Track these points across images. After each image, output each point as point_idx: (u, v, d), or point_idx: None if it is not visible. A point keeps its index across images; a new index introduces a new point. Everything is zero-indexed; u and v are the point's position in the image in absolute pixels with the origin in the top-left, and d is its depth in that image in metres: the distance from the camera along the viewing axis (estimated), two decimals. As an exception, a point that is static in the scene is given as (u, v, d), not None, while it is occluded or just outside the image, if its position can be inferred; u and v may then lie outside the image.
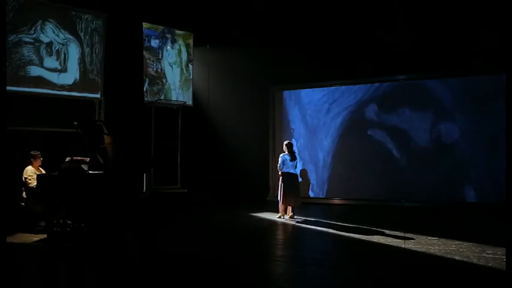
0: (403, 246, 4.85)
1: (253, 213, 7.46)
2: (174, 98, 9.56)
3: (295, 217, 6.74)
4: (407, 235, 5.40)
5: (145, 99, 9.07)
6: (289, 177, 6.65)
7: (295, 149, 7.05)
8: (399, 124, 8.76)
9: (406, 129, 8.70)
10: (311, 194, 9.31)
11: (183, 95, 9.70)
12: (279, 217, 6.73)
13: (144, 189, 8.57)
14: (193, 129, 9.79)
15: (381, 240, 5.13)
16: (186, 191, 9.23)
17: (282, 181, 6.67)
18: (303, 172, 9.14)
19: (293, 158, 6.67)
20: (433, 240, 5.14)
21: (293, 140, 9.02)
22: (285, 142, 6.83)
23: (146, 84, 9.17)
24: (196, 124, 9.85)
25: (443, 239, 5.15)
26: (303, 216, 6.84)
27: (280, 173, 6.81)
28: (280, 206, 6.74)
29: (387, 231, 5.66)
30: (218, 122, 9.88)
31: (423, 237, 5.27)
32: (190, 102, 9.78)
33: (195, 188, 9.33)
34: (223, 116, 9.86)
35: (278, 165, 6.73)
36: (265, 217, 7.10)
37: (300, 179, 7.17)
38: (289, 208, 6.78)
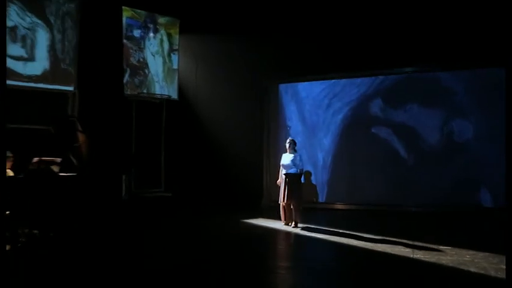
0: (411, 256, 4.86)
1: (246, 220, 7.49)
2: (157, 92, 9.54)
3: (298, 225, 6.74)
4: (416, 244, 5.41)
5: (126, 92, 8.99)
6: (289, 178, 6.67)
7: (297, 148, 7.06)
8: (407, 121, 8.76)
9: (414, 126, 8.71)
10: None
11: (167, 88, 9.67)
12: (285, 224, 6.77)
13: (124, 193, 8.60)
14: (179, 127, 9.78)
15: (387, 250, 5.14)
16: (170, 195, 9.24)
17: (281, 182, 6.78)
18: (311, 175, 9.26)
19: (292, 157, 6.71)
20: (445, 249, 5.15)
21: (289, 137, 8.68)
22: (288, 140, 6.96)
23: (126, 76, 9.09)
24: (182, 121, 9.83)
25: (456, 249, 5.15)
26: (301, 223, 6.85)
27: (280, 175, 6.93)
28: (281, 212, 6.78)
29: (394, 239, 5.67)
30: (206, 119, 9.88)
31: (434, 246, 5.27)
32: (175, 96, 9.77)
33: (180, 192, 9.33)
34: (212, 111, 9.86)
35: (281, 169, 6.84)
36: (260, 224, 7.14)
37: (302, 180, 7.17)
38: (292, 214, 6.75)
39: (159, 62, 9.59)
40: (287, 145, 6.84)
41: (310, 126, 9.58)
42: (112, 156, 8.36)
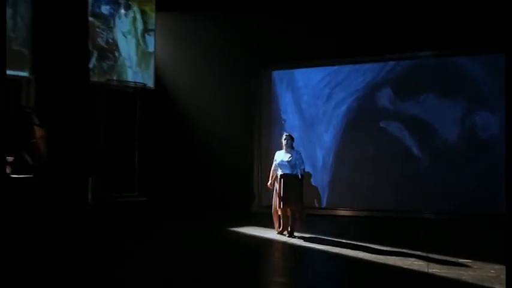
0: (426, 270, 4.84)
1: (234, 228, 7.53)
2: (130, 79, 9.50)
3: (294, 234, 6.72)
4: (431, 256, 5.41)
5: (92, 79, 8.95)
6: (284, 179, 6.63)
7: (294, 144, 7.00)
8: (421, 114, 8.75)
9: (429, 120, 8.71)
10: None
11: (141, 75, 9.61)
12: (279, 233, 6.76)
13: (90, 197, 8.56)
14: (156, 120, 9.79)
15: (398, 263, 5.13)
16: (145, 200, 9.25)
17: (276, 185, 6.71)
18: (309, 177, 9.21)
19: (288, 155, 6.67)
20: (465, 262, 5.12)
21: (283, 133, 8.72)
22: (284, 135, 6.93)
23: (93, 60, 9.00)
24: (160, 113, 9.85)
25: (478, 262, 5.10)
26: (298, 232, 6.83)
27: (271, 176, 6.88)
28: (275, 219, 6.77)
29: (405, 251, 5.68)
30: (188, 111, 9.92)
31: (452, 259, 5.27)
32: (151, 85, 9.72)
33: (157, 197, 9.33)
34: (195, 103, 9.90)
35: (272, 168, 6.82)
36: (250, 232, 7.17)
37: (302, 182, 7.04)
38: (288, 221, 6.69)
39: (132, 44, 9.52)
40: (283, 141, 6.77)
41: (308, 119, 9.57)
42: (76, 154, 8.30)
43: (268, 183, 6.92)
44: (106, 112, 9.20)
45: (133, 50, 9.54)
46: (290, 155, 6.71)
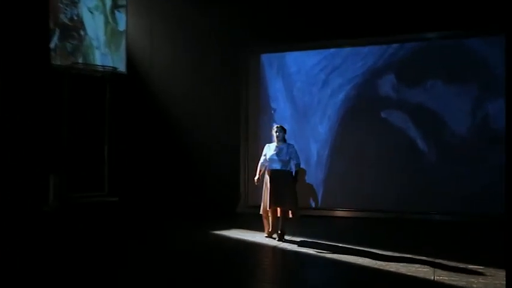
0: (432, 278, 4.85)
1: (217, 231, 7.50)
2: (98, 62, 9.37)
3: (285, 237, 6.74)
4: (438, 262, 5.41)
5: (54, 62, 8.78)
6: (275, 176, 6.61)
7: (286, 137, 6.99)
8: (427, 103, 8.76)
9: (437, 110, 8.72)
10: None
11: (111, 57, 9.49)
12: (268, 236, 6.79)
13: (51, 197, 8.49)
14: (128, 109, 9.71)
15: (401, 269, 5.13)
16: (116, 200, 9.18)
17: (265, 182, 6.70)
18: (303, 173, 9.13)
19: (279, 149, 6.65)
20: (476, 269, 5.13)
21: (273, 124, 8.54)
22: (275, 126, 6.91)
23: (55, 39, 8.83)
24: (133, 101, 9.76)
25: (491, 269, 5.08)
26: (289, 235, 6.85)
27: (258, 171, 6.87)
28: (264, 220, 6.78)
29: (409, 256, 5.69)
30: (165, 99, 9.83)
31: (461, 265, 5.27)
32: (122, 69, 9.60)
33: (131, 196, 9.25)
34: (173, 90, 9.83)
35: (260, 161, 6.81)
36: (235, 236, 7.16)
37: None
38: (279, 223, 6.69)
39: (100, 22, 9.42)
40: (274, 134, 6.74)
41: (301, 109, 9.55)
42: (35, 148, 8.19)
43: (255, 178, 6.91)
44: (70, 100, 9.05)
45: (101, 28, 9.43)
46: (282, 149, 6.69)
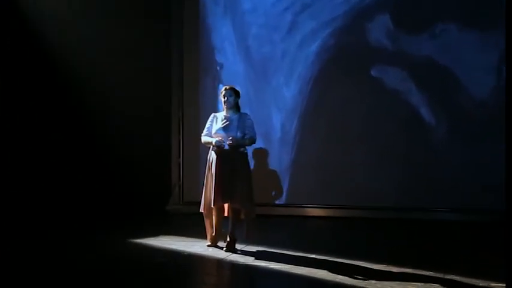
0: None
1: (139, 240, 6.79)
2: None
3: (237, 247, 6.19)
4: (448, 278, 4.90)
5: None
6: (222, 160, 6.08)
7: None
8: (435, 56, 7.98)
9: (449, 66, 7.97)
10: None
11: None
12: (211, 245, 6.33)
13: None
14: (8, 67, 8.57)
15: None
16: None
17: (207, 167, 6.28)
18: (260, 155, 8.60)
19: (229, 120, 6.21)
20: None
21: (220, 86, 8.22)
22: (223, 88, 6.44)
23: None
24: (14, 52, 8.57)
25: None
26: (241, 242, 6.21)
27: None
28: (206, 222, 6.30)
29: (408, 271, 5.17)
30: (62, 50, 8.72)
31: (480, 283, 4.75)
32: None
33: (20, 195, 8.34)
34: (73, 42, 8.77)
35: (203, 134, 6.42)
36: (165, 246, 6.46)
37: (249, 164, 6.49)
38: (232, 226, 6.21)
39: None
40: (222, 99, 6.23)
41: (258, 64, 8.70)
42: None
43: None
44: None
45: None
46: (232, 121, 6.18)
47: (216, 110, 6.83)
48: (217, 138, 6.05)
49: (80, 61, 8.77)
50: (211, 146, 6.16)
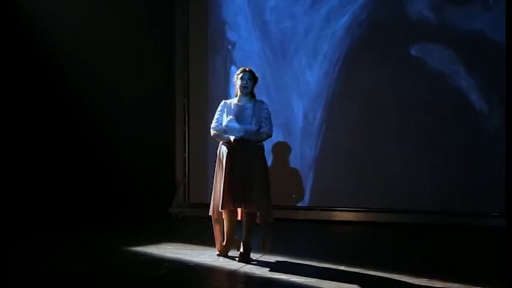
0: None
1: (138, 247, 6.44)
2: None
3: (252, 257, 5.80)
4: None
5: None
6: (234, 156, 5.68)
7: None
8: (489, 31, 7.31)
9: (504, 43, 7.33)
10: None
11: None
12: (221, 254, 6.04)
13: None
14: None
15: None
16: None
17: (217, 164, 5.93)
18: (279, 150, 8.25)
19: (242, 109, 5.85)
20: None
21: (232, 69, 8.18)
22: (240, 70, 6.03)
23: None
24: (11, 50, 8.07)
25: None
26: (255, 252, 5.83)
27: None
28: (216, 228, 5.97)
29: (457, 287, 4.71)
30: (53, 43, 8.20)
31: None
32: None
33: (11, 195, 7.99)
34: (73, 17, 8.23)
35: (212, 126, 6.11)
36: (168, 255, 6.06)
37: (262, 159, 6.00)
38: (235, 231, 6.03)
39: None
40: (240, 81, 5.74)
41: (277, 44, 8.14)
42: None
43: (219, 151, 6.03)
44: None
45: None
46: (246, 110, 5.76)
47: (227, 97, 6.66)
48: (232, 138, 5.66)
49: (78, 45, 8.24)
50: (220, 144, 5.81)
